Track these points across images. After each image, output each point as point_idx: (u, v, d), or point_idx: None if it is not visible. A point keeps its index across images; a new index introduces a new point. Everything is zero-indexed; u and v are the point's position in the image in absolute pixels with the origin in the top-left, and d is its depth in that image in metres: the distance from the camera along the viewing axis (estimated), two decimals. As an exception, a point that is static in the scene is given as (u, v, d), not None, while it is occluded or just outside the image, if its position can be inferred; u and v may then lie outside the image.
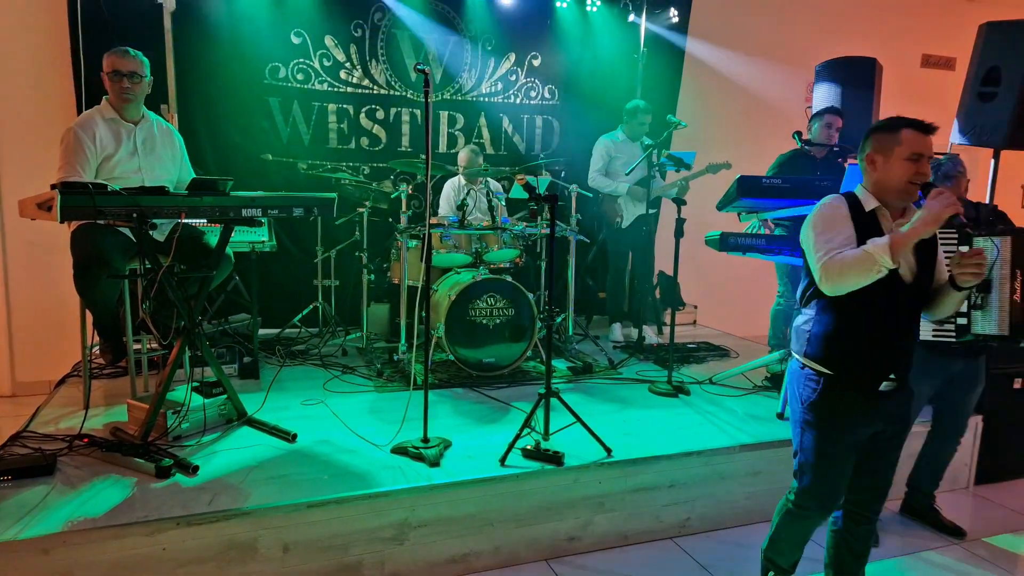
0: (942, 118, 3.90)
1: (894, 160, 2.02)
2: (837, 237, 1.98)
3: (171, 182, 3.25)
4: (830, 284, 1.95)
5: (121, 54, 3.05)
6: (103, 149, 3.03)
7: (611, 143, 4.87)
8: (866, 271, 1.88)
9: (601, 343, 4.72)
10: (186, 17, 4.45)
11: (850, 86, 4.12)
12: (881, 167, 2.05)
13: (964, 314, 2.70)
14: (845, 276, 1.91)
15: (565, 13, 5.43)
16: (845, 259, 1.91)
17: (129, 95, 3.07)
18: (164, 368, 2.92)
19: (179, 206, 2.57)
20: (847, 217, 2.02)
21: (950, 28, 6.48)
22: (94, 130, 3.01)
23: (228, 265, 3.23)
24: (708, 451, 2.99)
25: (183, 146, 3.39)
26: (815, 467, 2.15)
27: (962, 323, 2.70)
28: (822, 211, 2.06)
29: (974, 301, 2.67)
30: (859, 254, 1.90)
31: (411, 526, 2.54)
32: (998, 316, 2.65)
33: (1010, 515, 3.25)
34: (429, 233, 2.93)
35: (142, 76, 3.09)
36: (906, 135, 2.01)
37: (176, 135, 3.35)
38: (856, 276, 1.90)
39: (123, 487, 2.47)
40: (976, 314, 2.68)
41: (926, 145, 2.01)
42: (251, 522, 2.34)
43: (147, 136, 3.18)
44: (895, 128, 2.03)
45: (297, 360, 4.23)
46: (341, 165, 5.05)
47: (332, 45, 4.94)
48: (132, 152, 3.11)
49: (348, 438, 2.99)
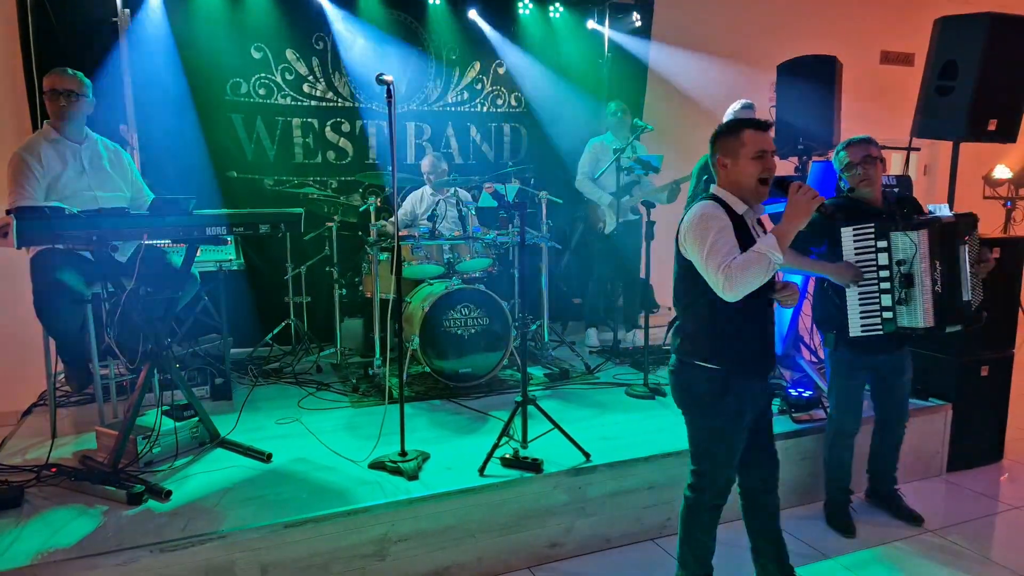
0: (903, 113, 3.98)
1: (742, 160, 2.14)
2: (725, 245, 2.05)
3: (125, 201, 3.20)
4: (733, 290, 2.02)
5: (59, 73, 3.05)
6: (50, 169, 3.00)
7: (599, 145, 4.85)
8: (763, 270, 2.01)
9: (577, 348, 4.72)
10: (143, 35, 4.38)
11: (811, 84, 4.19)
12: (732, 169, 2.17)
13: (889, 307, 2.74)
14: (746, 280, 2.01)
15: (528, 20, 5.45)
16: (742, 264, 2.01)
17: (66, 113, 3.04)
18: (132, 393, 2.86)
19: (141, 227, 2.52)
20: (729, 225, 2.10)
21: (908, 25, 6.62)
22: (39, 151, 2.98)
23: (194, 285, 3.18)
24: (686, 451, 2.97)
25: (133, 164, 3.35)
26: (721, 453, 2.25)
27: (888, 316, 2.75)
28: (704, 219, 2.11)
29: (898, 296, 2.71)
30: (754, 256, 2.02)
31: (391, 541, 2.51)
32: (922, 308, 2.70)
33: (981, 501, 3.31)
34: (398, 244, 2.91)
35: (80, 95, 3.06)
36: (748, 135, 2.13)
37: (124, 154, 3.32)
38: (756, 277, 2.02)
39: (93, 516, 2.41)
40: (901, 308, 2.72)
41: (767, 141, 2.14)
42: (227, 545, 2.30)
43: (93, 155, 3.15)
44: (736, 130, 2.16)
45: (271, 379, 4.17)
46: (308, 180, 5.00)
47: (294, 59, 4.90)
48: (80, 172, 3.08)
49: (325, 455, 2.96)
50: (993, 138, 3.68)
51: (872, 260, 2.75)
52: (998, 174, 6.79)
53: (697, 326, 2.21)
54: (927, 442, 3.52)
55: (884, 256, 2.73)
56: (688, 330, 2.24)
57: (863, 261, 2.76)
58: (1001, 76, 3.55)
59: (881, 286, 2.75)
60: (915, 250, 2.68)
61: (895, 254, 2.72)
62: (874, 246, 2.75)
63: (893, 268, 2.73)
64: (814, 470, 3.18)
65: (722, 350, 2.17)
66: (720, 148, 2.20)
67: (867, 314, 2.77)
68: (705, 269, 2.08)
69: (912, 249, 2.68)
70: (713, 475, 2.28)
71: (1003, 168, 6.80)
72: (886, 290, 2.74)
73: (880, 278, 2.75)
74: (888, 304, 2.74)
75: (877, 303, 2.76)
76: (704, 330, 2.19)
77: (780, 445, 3.09)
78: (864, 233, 2.75)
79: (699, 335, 2.20)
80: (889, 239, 2.72)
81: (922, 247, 2.68)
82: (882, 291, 2.75)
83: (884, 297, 2.75)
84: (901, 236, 2.70)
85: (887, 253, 2.73)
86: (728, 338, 2.16)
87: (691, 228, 2.13)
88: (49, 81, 3.05)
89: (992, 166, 6.82)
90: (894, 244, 2.72)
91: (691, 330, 2.23)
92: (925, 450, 3.52)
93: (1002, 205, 6.73)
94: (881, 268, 2.74)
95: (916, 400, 3.52)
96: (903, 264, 2.70)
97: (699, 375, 2.20)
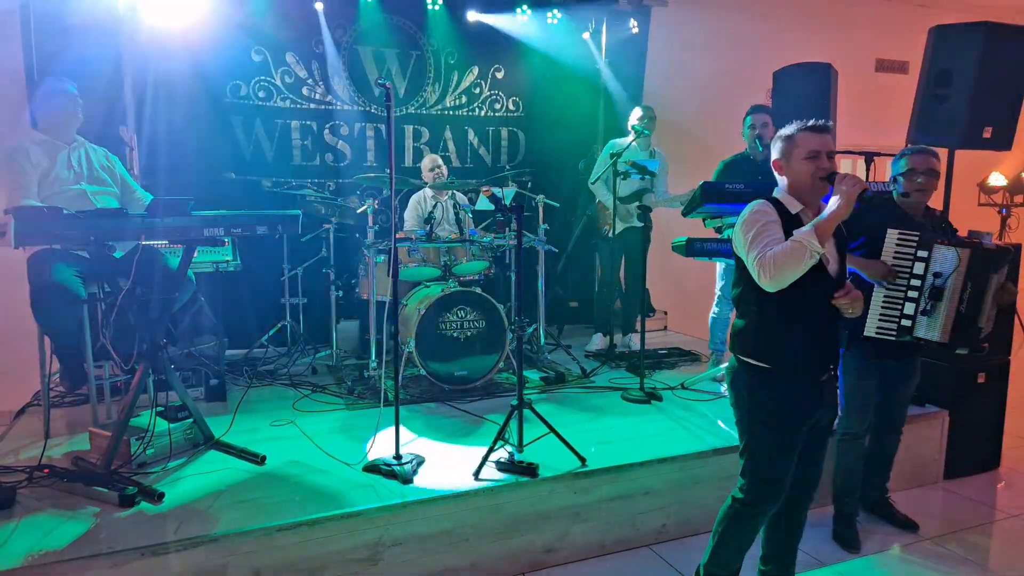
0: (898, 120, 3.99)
1: (795, 162, 2.20)
2: (767, 237, 2.09)
3: (115, 200, 3.21)
4: (769, 278, 2.04)
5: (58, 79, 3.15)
6: (38, 166, 3.00)
7: (618, 147, 4.82)
8: (799, 258, 2.01)
9: (573, 352, 4.72)
10: (143, 36, 4.37)
11: (807, 91, 4.21)
12: (787, 171, 2.24)
13: (910, 316, 2.74)
14: (782, 268, 2.02)
15: (526, 25, 5.47)
16: (778, 252, 2.03)
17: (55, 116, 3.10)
18: (127, 394, 2.85)
19: (139, 228, 2.51)
20: (776, 220, 2.14)
21: (902, 33, 6.65)
22: (26, 148, 3.00)
23: (190, 286, 3.17)
24: (681, 456, 3.00)
25: (122, 166, 3.36)
26: (768, 459, 2.22)
27: (906, 324, 2.75)
28: (752, 215, 2.17)
29: (924, 307, 2.72)
30: (789, 244, 2.03)
31: (385, 545, 2.50)
32: (942, 324, 2.71)
33: (978, 508, 3.31)
34: (395, 247, 2.91)
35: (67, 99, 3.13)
36: (800, 138, 2.20)
37: (111, 156, 3.33)
38: (792, 265, 2.01)
39: (86, 518, 2.40)
40: (922, 319, 2.73)
41: (821, 143, 2.18)
42: (220, 548, 2.28)
43: (81, 155, 3.16)
44: (791, 135, 2.23)
45: (266, 380, 4.16)
46: (306, 182, 4.99)
47: (293, 62, 4.91)
48: (68, 169, 3.09)
49: (319, 458, 2.95)
50: (988, 145, 3.70)
51: (908, 267, 2.76)
52: (993, 181, 6.82)
53: (747, 323, 2.24)
54: (924, 449, 3.52)
55: (920, 266, 2.73)
56: (739, 327, 2.27)
57: (899, 266, 2.76)
58: (996, 84, 3.57)
59: (909, 294, 2.75)
60: (955, 266, 2.69)
61: (933, 266, 2.72)
62: (914, 254, 2.75)
63: (927, 279, 2.73)
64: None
65: (769, 349, 2.18)
66: (776, 152, 2.27)
67: (886, 317, 2.77)
68: (747, 259, 2.12)
69: (952, 265, 2.70)
70: (752, 477, 2.26)
71: (998, 175, 6.84)
72: (912, 298, 2.75)
73: (910, 286, 2.75)
74: (910, 312, 2.74)
75: (899, 309, 2.76)
76: (752, 327, 2.22)
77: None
78: (908, 239, 2.76)
79: (748, 332, 2.23)
80: (931, 251, 2.73)
81: (961, 265, 2.69)
82: (908, 299, 2.75)
83: (908, 305, 2.75)
84: (945, 250, 2.71)
85: (925, 263, 2.73)
86: (776, 337, 2.17)
87: (741, 224, 2.18)
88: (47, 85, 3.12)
89: (987, 173, 6.85)
90: (934, 256, 2.72)
91: (742, 327, 2.25)
92: (922, 457, 3.52)
93: (997, 212, 6.76)
94: (914, 276, 2.74)
95: (913, 406, 3.53)
96: (939, 277, 2.71)
97: (745, 372, 2.23)
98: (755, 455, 2.25)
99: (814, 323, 2.16)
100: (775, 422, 2.19)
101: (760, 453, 2.23)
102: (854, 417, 2.92)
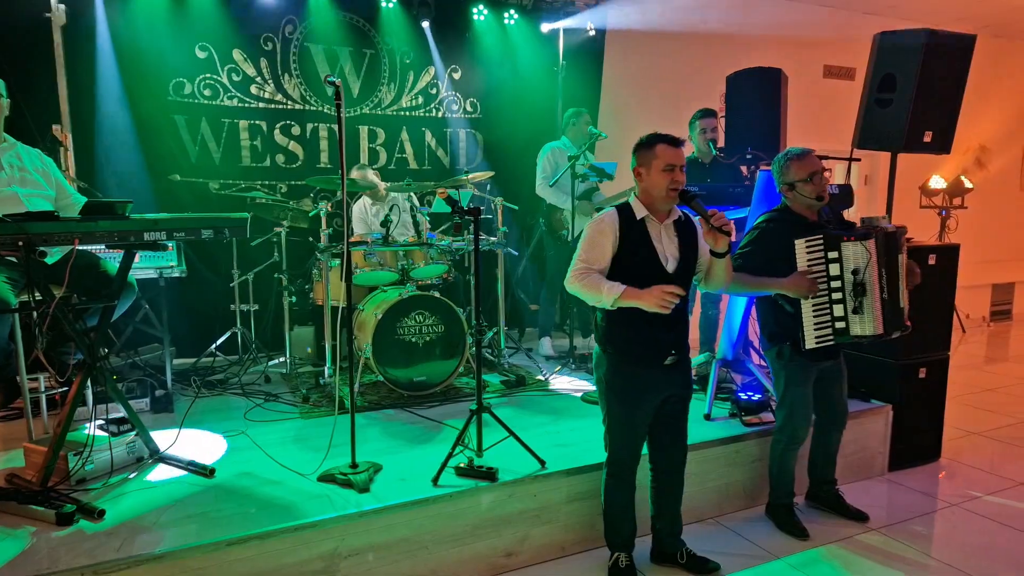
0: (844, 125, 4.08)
1: (654, 172, 2.38)
2: (594, 253, 2.40)
3: (50, 203, 3.03)
4: (570, 288, 2.42)
5: None
6: None
7: (557, 150, 4.81)
8: (594, 297, 2.37)
9: (534, 356, 4.70)
10: (79, 31, 4.21)
11: (758, 95, 4.29)
12: (645, 178, 2.42)
13: (842, 317, 2.79)
14: (580, 291, 2.39)
15: (483, 26, 5.45)
16: (586, 281, 2.37)
17: None
18: (63, 407, 2.70)
19: (72, 232, 2.38)
20: (609, 236, 2.38)
21: (849, 40, 6.86)
22: None
23: (131, 293, 3.02)
24: (640, 456, 3.00)
25: (56, 169, 3.17)
26: (620, 430, 2.51)
27: (840, 326, 2.80)
28: (592, 227, 2.43)
29: (854, 306, 2.76)
30: (596, 285, 2.34)
31: (342, 556, 2.43)
32: (873, 316, 2.77)
33: (922, 498, 3.41)
34: (348, 250, 2.84)
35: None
36: (660, 149, 2.38)
37: (46, 158, 3.14)
38: (587, 296, 2.39)
39: (20, 538, 2.27)
40: (854, 318, 2.77)
41: (678, 156, 2.38)
42: (166, 566, 2.19)
43: (12, 156, 2.97)
44: (651, 144, 2.40)
45: (216, 390, 4.02)
46: (256, 183, 4.87)
47: (241, 59, 4.77)
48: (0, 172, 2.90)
49: (272, 469, 2.85)
50: (928, 149, 3.82)
51: (823, 271, 2.78)
52: (934, 184, 7.08)
53: (601, 318, 2.49)
54: (870, 442, 3.62)
55: (835, 267, 2.76)
56: (596, 320, 2.53)
57: (814, 273, 2.79)
58: (937, 90, 3.69)
59: (832, 296, 2.78)
60: (868, 259, 2.73)
61: (848, 264, 2.75)
62: (824, 257, 2.78)
63: (846, 277, 2.75)
64: (763, 472, 3.22)
65: (617, 339, 2.45)
66: (637, 159, 2.45)
67: (820, 325, 2.79)
68: (572, 260, 2.43)
69: (865, 258, 2.73)
70: (610, 445, 2.56)
71: (938, 178, 7.09)
72: (838, 300, 2.77)
73: (831, 288, 2.78)
74: (840, 314, 2.77)
75: (828, 312, 2.79)
76: (604, 321, 2.48)
77: (728, 449, 3.17)
78: (814, 244, 2.78)
79: (600, 325, 2.50)
80: (840, 249, 2.76)
81: (872, 256, 2.73)
82: (833, 301, 2.78)
83: (836, 307, 2.78)
84: (853, 245, 2.74)
85: (839, 263, 2.76)
86: (622, 329, 2.43)
87: (586, 229, 2.46)
88: None
89: (928, 176, 7.10)
90: (845, 254, 2.76)
91: (597, 321, 2.52)
92: (868, 450, 3.62)
93: (937, 214, 7.01)
94: (832, 279, 2.77)
95: (859, 401, 3.62)
96: (858, 273, 2.74)
97: (603, 358, 2.51)
98: (611, 427, 2.54)
99: (654, 316, 2.34)
100: (625, 400, 2.47)
101: (613, 425, 2.52)
102: (800, 424, 2.97)
